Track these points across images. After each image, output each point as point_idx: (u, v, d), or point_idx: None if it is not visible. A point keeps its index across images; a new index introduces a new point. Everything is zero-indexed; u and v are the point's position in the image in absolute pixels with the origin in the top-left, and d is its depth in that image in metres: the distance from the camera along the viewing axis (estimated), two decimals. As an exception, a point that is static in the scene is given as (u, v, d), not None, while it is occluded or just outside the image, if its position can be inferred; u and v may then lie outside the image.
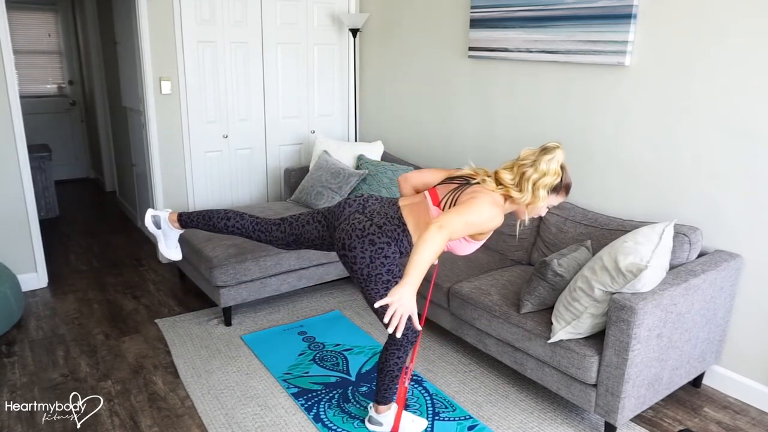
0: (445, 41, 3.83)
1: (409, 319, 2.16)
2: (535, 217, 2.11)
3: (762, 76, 2.37)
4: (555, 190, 2.04)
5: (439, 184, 2.19)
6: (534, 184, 1.99)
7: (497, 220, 1.97)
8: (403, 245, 2.13)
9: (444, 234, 1.79)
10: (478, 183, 2.06)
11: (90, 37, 5.84)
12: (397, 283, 2.10)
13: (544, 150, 2.00)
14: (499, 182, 2.04)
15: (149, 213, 2.52)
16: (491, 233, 2.09)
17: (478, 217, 1.91)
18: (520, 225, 2.18)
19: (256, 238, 2.41)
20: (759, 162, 2.43)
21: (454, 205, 2.01)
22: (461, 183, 2.10)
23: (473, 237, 2.04)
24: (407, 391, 2.37)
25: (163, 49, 3.83)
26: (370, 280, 2.10)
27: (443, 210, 2.06)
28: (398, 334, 1.65)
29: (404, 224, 2.12)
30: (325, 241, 2.29)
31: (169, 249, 2.57)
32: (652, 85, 2.74)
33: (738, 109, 2.46)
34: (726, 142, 2.52)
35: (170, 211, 2.53)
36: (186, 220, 2.48)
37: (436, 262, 2.49)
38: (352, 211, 2.18)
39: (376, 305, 1.66)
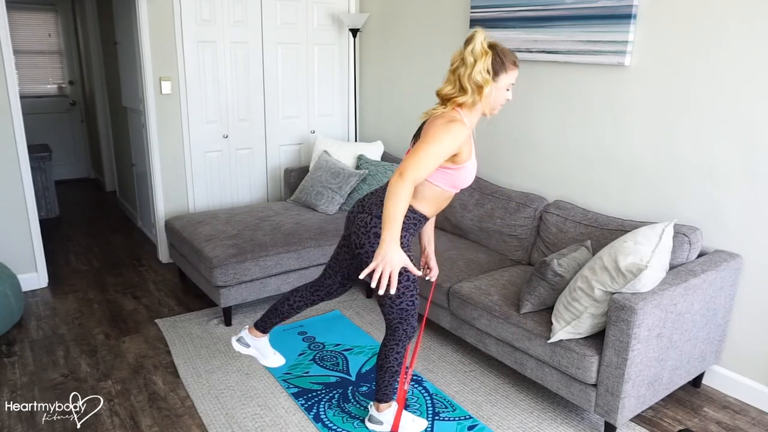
0: (445, 41, 3.83)
1: (410, 314, 2.15)
2: (502, 105, 2.01)
3: (762, 76, 2.37)
4: (498, 71, 1.92)
5: None
6: (470, 77, 1.89)
7: (462, 133, 1.87)
8: (409, 221, 2.08)
9: (406, 177, 1.75)
10: (431, 116, 2.00)
11: (90, 37, 5.84)
12: (413, 259, 2.10)
13: (465, 42, 1.92)
14: (446, 98, 1.98)
15: (233, 341, 2.57)
16: (473, 151, 2.00)
17: (436, 145, 1.84)
18: (487, 118, 2.07)
19: (320, 299, 2.45)
20: (759, 162, 2.43)
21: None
22: (420, 128, 2.06)
23: (454, 162, 1.96)
24: (407, 393, 2.37)
25: (163, 49, 3.84)
26: None
27: None
28: (392, 291, 1.64)
29: None
30: (356, 257, 2.29)
31: (268, 358, 2.61)
32: (652, 85, 2.74)
33: (738, 109, 2.46)
34: (726, 142, 2.52)
35: (247, 327, 2.59)
36: (262, 325, 2.54)
37: (433, 280, 2.50)
38: (356, 214, 2.19)
39: (361, 276, 1.66)
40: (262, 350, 2.58)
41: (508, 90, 2.00)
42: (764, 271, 2.51)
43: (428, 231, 2.41)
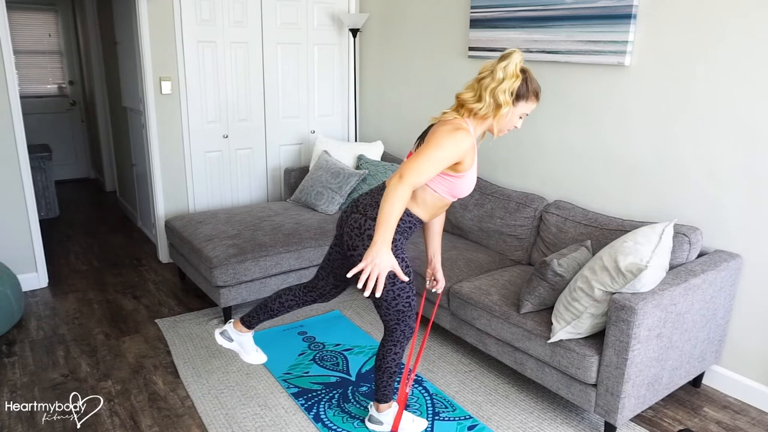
0: (445, 41, 3.83)
1: (408, 316, 2.16)
2: (509, 130, 2.01)
3: (762, 76, 2.37)
4: (521, 96, 1.93)
5: None
6: (492, 92, 1.89)
7: (466, 141, 1.88)
8: (404, 224, 2.08)
9: (406, 181, 1.75)
10: (439, 121, 2.00)
11: (90, 37, 5.84)
12: (407, 265, 2.10)
13: (501, 57, 1.92)
14: (460, 104, 1.98)
15: (216, 333, 2.52)
16: (475, 161, 2.00)
17: (440, 151, 1.84)
18: (493, 137, 2.06)
19: (312, 300, 2.41)
20: (759, 162, 2.43)
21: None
22: (427, 130, 2.05)
23: (455, 170, 1.96)
24: (408, 396, 2.37)
25: (163, 49, 3.84)
26: None
27: None
28: (378, 294, 1.64)
29: None
30: (348, 258, 2.28)
31: (250, 355, 2.53)
32: (652, 85, 2.74)
33: (738, 109, 2.46)
34: (726, 141, 2.52)
35: (233, 321, 2.54)
36: (248, 320, 2.49)
37: (439, 292, 2.49)
38: (349, 214, 2.18)
39: (349, 275, 1.65)
40: (245, 346, 2.51)
41: (520, 118, 2.00)
42: (764, 271, 2.51)
43: (435, 243, 2.40)
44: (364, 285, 1.66)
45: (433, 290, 2.49)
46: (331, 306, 3.54)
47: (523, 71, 1.93)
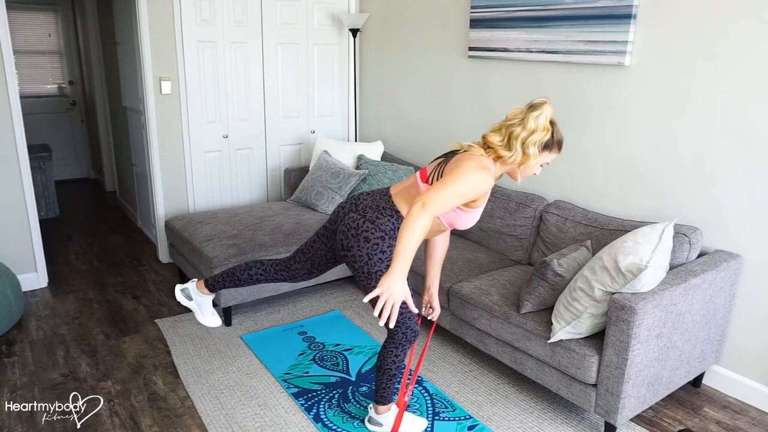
0: (445, 41, 3.83)
1: (408, 318, 2.16)
2: (529, 176, 2.06)
3: (762, 76, 2.37)
4: (547, 147, 1.98)
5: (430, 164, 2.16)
6: (523, 143, 1.93)
7: (486, 184, 1.91)
8: (397, 230, 2.10)
9: (428, 211, 1.75)
10: (465, 152, 2.02)
11: (90, 37, 5.84)
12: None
13: (532, 107, 1.95)
14: (487, 145, 2.01)
15: (177, 289, 2.57)
16: (486, 200, 2.04)
17: (463, 186, 1.86)
18: (520, 179, 2.11)
19: (282, 278, 2.43)
20: (759, 162, 2.43)
21: (441, 177, 1.96)
22: (447, 155, 2.08)
23: (467, 206, 2.00)
24: (407, 405, 2.37)
25: (163, 49, 3.84)
26: (371, 278, 2.10)
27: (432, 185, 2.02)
28: (391, 325, 1.64)
29: (398, 212, 2.10)
30: (336, 253, 2.29)
31: (206, 317, 2.58)
32: (652, 85, 2.74)
33: (738, 109, 2.46)
34: (726, 142, 2.52)
35: (195, 280, 2.57)
36: (213, 283, 2.52)
37: (434, 319, 2.50)
38: (346, 212, 2.18)
39: (365, 300, 1.65)
40: (203, 307, 2.55)
41: (541, 166, 2.05)
42: (764, 271, 2.51)
43: (435, 271, 2.42)
44: (379, 314, 1.65)
45: (429, 317, 2.50)
46: (331, 306, 3.54)
47: (552, 123, 1.97)
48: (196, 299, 2.55)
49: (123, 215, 5.48)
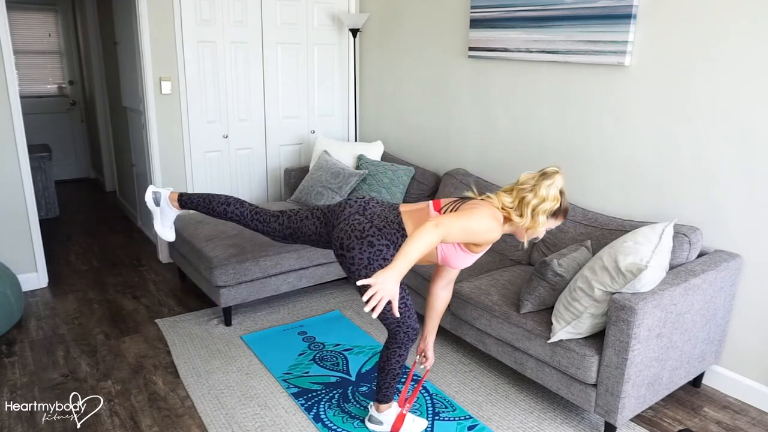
0: (445, 41, 3.83)
1: (408, 316, 2.17)
2: (533, 239, 2.13)
3: (762, 76, 2.37)
4: (554, 214, 2.06)
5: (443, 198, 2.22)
6: (534, 210, 2.00)
7: (494, 234, 1.98)
8: (393, 235, 2.13)
9: (439, 231, 1.78)
10: (482, 200, 2.08)
11: (90, 37, 5.84)
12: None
13: (544, 175, 2.02)
14: (502, 205, 2.07)
15: (150, 189, 2.52)
16: (487, 248, 2.10)
17: (476, 225, 1.91)
18: (520, 247, 2.21)
19: (254, 227, 2.40)
20: (759, 162, 2.43)
21: (456, 212, 2.02)
22: (463, 198, 2.14)
23: (468, 248, 2.05)
24: (404, 417, 2.37)
25: (163, 49, 3.84)
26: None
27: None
28: (374, 315, 1.65)
29: (403, 229, 2.13)
30: (321, 238, 2.29)
31: (164, 228, 2.56)
32: (652, 85, 2.74)
33: (738, 109, 2.46)
34: (726, 142, 2.52)
35: (171, 190, 2.53)
36: (186, 201, 2.48)
37: (428, 368, 2.50)
38: (353, 212, 2.18)
39: (359, 283, 1.67)
40: (166, 217, 2.52)
41: (545, 231, 2.11)
42: (764, 271, 2.51)
43: (434, 322, 2.44)
44: (366, 302, 1.66)
45: (422, 366, 2.50)
46: (331, 306, 3.54)
47: (561, 193, 2.04)
48: (163, 207, 2.50)
49: (123, 215, 5.48)
